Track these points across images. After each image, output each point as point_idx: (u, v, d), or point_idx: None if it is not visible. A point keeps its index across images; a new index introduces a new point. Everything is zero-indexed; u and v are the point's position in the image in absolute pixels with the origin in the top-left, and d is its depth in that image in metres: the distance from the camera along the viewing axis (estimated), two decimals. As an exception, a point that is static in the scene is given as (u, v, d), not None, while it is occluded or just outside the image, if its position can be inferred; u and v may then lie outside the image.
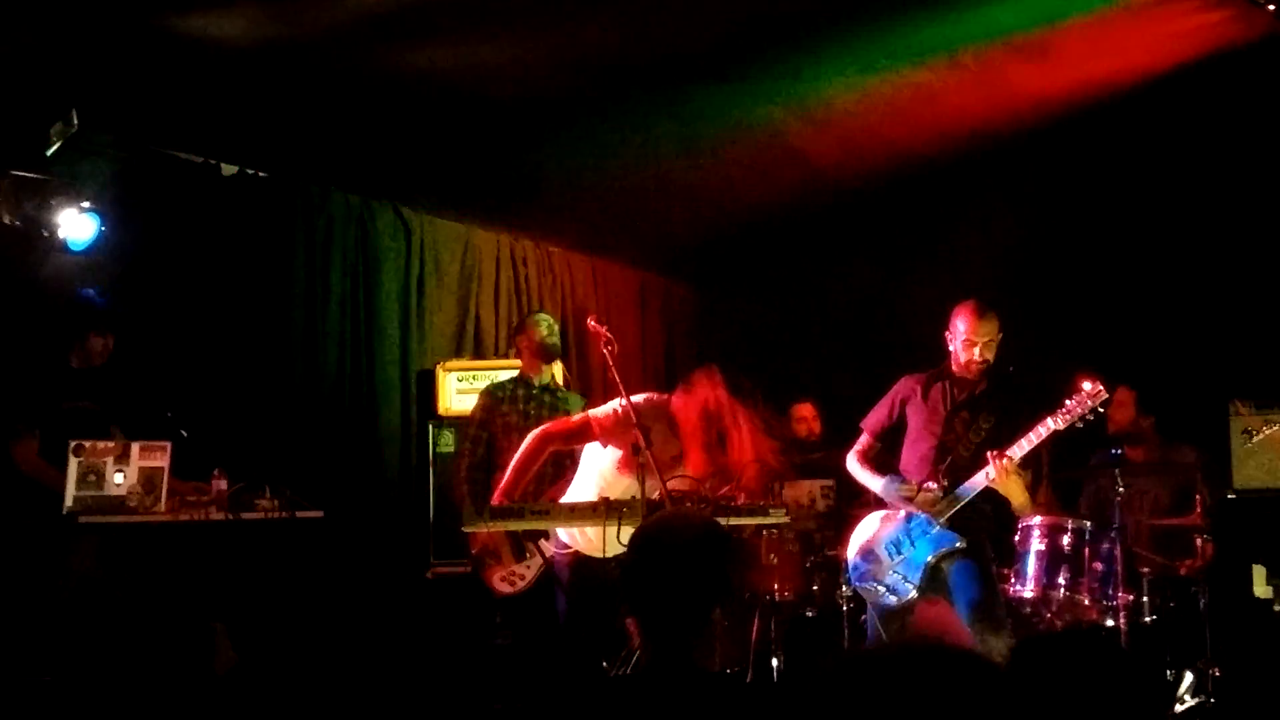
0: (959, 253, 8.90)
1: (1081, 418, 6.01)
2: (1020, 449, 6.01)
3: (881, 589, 6.27)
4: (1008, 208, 8.67)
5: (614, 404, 5.93)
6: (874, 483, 6.43)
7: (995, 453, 6.01)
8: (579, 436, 6.00)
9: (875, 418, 6.57)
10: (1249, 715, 6.38)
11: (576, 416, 6.14)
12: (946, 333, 6.35)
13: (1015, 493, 6.13)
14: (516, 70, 6.72)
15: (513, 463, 5.97)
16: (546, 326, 7.47)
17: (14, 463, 6.31)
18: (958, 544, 6.07)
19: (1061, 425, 6.00)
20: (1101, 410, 6.06)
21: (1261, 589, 6.44)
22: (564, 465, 6.43)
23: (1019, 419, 6.15)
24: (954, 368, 6.35)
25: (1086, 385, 6.01)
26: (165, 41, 6.07)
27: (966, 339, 6.25)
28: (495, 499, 5.84)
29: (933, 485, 6.15)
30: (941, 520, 6.09)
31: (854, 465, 6.56)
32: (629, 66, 6.81)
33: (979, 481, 6.07)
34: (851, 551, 6.49)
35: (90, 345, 6.65)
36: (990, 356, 6.25)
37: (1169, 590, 6.86)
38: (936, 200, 8.98)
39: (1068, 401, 6.01)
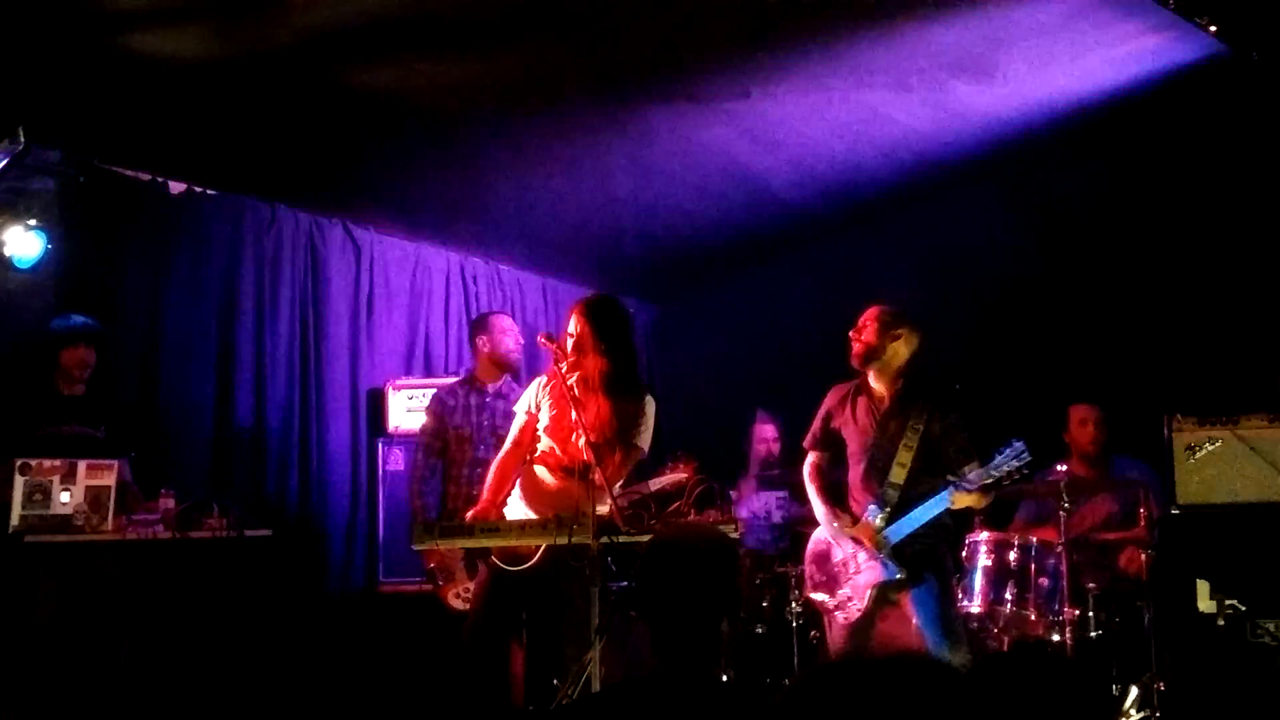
0: (908, 269, 8.95)
1: (1008, 475, 5.99)
2: (979, 479, 5.99)
3: (832, 604, 6.29)
4: (954, 225, 8.74)
5: (531, 389, 6.06)
6: (819, 509, 6.45)
7: (954, 485, 6.00)
8: (526, 432, 6.01)
9: (812, 435, 6.60)
10: (1193, 730, 6.44)
11: (515, 422, 6.12)
12: None
13: (975, 502, 6.13)
14: (467, 89, 6.74)
15: (488, 487, 5.98)
16: (513, 338, 7.41)
17: None
18: (898, 576, 6.07)
19: (988, 480, 5.99)
20: (1026, 472, 6.05)
21: (1205, 604, 6.48)
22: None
23: (946, 426, 6.16)
24: (868, 384, 6.38)
25: (1014, 443, 5.99)
26: (113, 58, 6.06)
27: (860, 340, 6.28)
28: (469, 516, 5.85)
29: (870, 518, 6.15)
30: (885, 552, 6.08)
31: (808, 482, 6.56)
32: (580, 87, 6.84)
33: (926, 511, 6.05)
34: (808, 561, 6.51)
35: (66, 362, 6.63)
36: (860, 345, 6.24)
37: (1114, 605, 6.91)
38: (886, 219, 9.05)
39: (996, 457, 5.99)
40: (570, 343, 5.82)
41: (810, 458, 6.58)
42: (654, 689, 3.17)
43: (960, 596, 6.65)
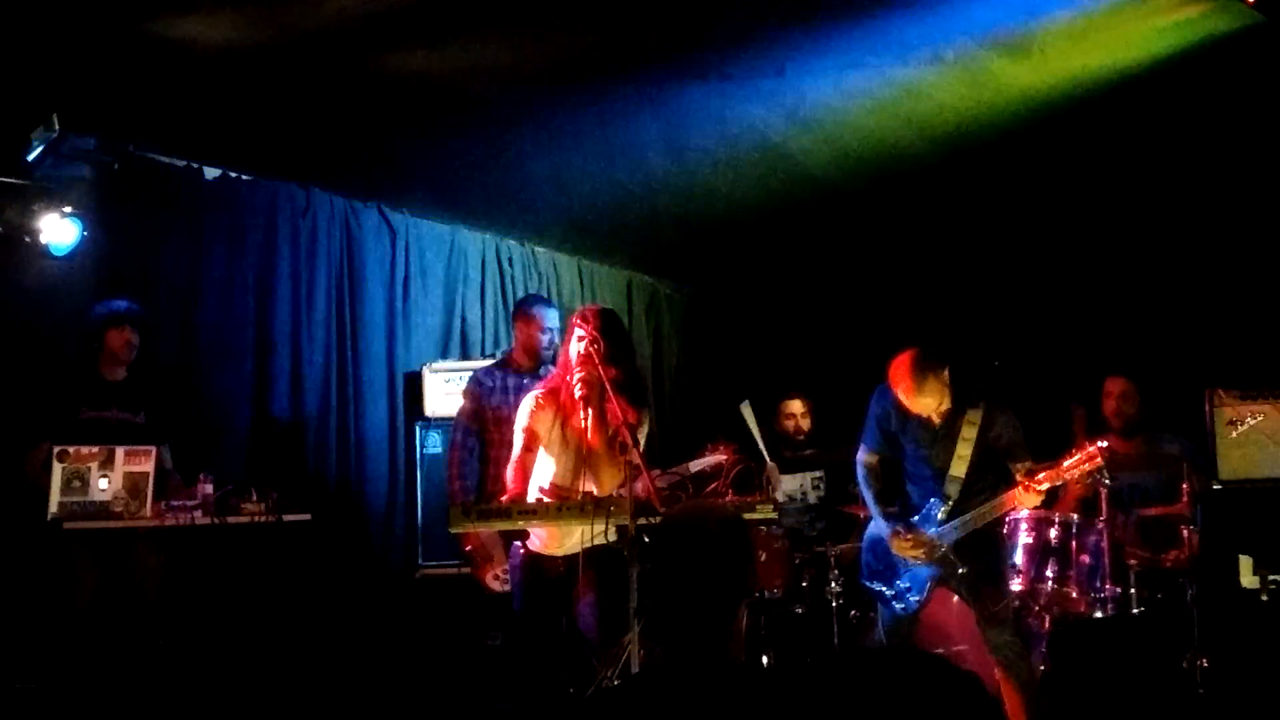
0: (945, 245, 8.91)
1: (1078, 479, 5.99)
2: (1049, 480, 5.96)
3: (889, 594, 6.30)
4: (992, 201, 8.68)
5: (527, 401, 5.95)
6: (874, 512, 6.42)
7: (1024, 481, 5.97)
8: (530, 444, 5.93)
9: (869, 438, 6.54)
10: (1237, 706, 6.39)
11: (516, 441, 6.03)
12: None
13: (1034, 502, 6.11)
14: (501, 71, 6.71)
15: (513, 484, 5.95)
16: (550, 336, 7.36)
17: (24, 472, 6.33)
18: (960, 571, 6.08)
19: (1056, 482, 5.98)
20: (1100, 478, 6.03)
21: (1248, 579, 6.44)
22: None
23: (1000, 429, 6.15)
24: None
25: (1088, 446, 5.96)
26: (148, 45, 6.06)
27: (915, 411, 6.18)
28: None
29: (928, 533, 6.14)
30: (945, 550, 6.09)
31: (862, 479, 6.52)
32: (614, 66, 6.80)
33: (990, 513, 6.05)
34: (865, 548, 6.50)
35: (110, 343, 6.69)
36: (948, 406, 6.14)
37: (1156, 582, 6.87)
38: (922, 196, 8.99)
39: (1065, 462, 5.96)
40: (579, 348, 5.76)
41: (865, 456, 6.53)
42: (668, 677, 3.03)
43: (1002, 574, 6.63)
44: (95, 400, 6.66)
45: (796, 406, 9.12)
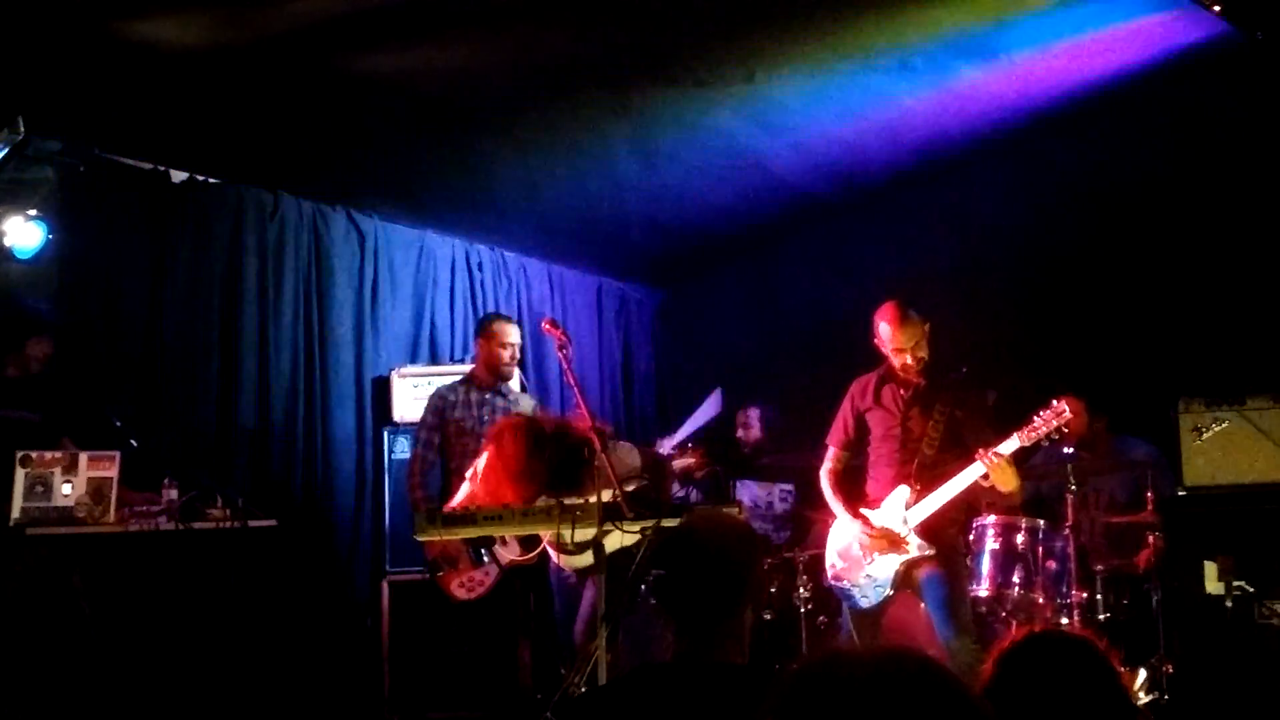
0: (910, 256, 8.92)
1: (1047, 436, 6.06)
2: (1009, 445, 6.02)
3: (855, 590, 6.33)
4: (959, 211, 8.70)
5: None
6: (841, 514, 6.46)
7: (983, 451, 6.01)
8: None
9: (836, 431, 6.60)
10: (1202, 712, 6.42)
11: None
12: (875, 340, 6.36)
13: (1009, 480, 6.12)
14: (470, 74, 6.71)
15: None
16: (510, 351, 7.40)
17: None
18: (927, 553, 6.11)
19: (1027, 442, 6.04)
20: (1066, 430, 6.10)
21: (1213, 585, 6.47)
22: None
23: (969, 407, 6.21)
24: (895, 368, 6.38)
25: (1055, 403, 6.05)
26: (114, 47, 6.03)
27: (894, 348, 6.27)
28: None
29: (897, 497, 6.19)
30: (909, 530, 6.12)
31: (825, 486, 6.58)
32: (582, 70, 6.81)
33: (956, 485, 6.09)
34: (829, 549, 6.53)
35: (29, 352, 6.58)
36: (923, 354, 6.26)
37: (1122, 588, 6.90)
38: (892, 203, 9.01)
39: (1035, 419, 6.04)
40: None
41: (829, 463, 6.57)
42: (673, 673, 3.15)
43: (969, 580, 6.65)
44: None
45: (740, 417, 9.14)
